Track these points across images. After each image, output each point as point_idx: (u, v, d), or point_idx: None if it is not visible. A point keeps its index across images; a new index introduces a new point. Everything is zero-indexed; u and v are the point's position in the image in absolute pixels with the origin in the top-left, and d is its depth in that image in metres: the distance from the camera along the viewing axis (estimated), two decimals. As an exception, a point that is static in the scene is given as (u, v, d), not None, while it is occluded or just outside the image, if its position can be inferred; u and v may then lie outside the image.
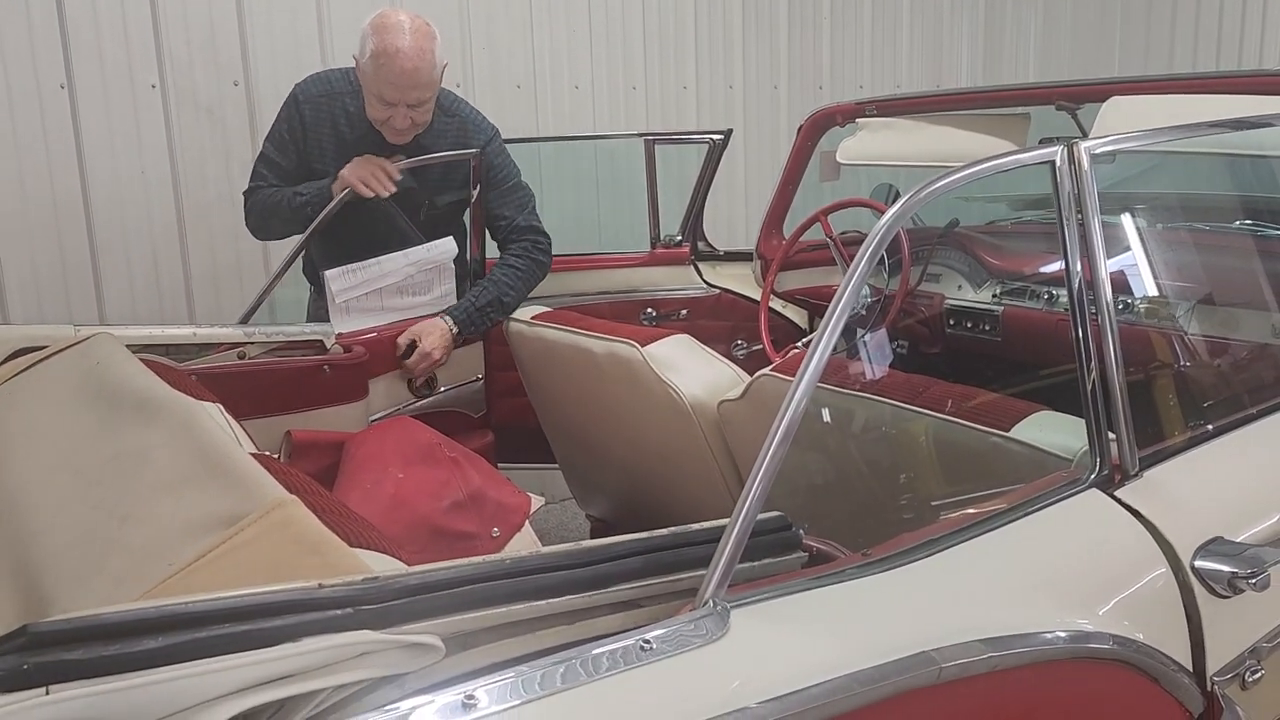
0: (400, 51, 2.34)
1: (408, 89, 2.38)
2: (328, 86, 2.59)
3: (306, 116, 2.57)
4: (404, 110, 2.43)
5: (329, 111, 2.56)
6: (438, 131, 2.58)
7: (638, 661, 0.96)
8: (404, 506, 1.95)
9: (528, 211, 2.70)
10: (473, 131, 2.63)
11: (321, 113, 2.56)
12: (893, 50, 5.08)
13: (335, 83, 2.60)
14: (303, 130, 2.58)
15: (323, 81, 2.60)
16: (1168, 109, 2.24)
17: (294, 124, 2.58)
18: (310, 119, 2.57)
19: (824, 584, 1.12)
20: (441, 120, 2.59)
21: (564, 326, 2.38)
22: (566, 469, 2.78)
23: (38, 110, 3.05)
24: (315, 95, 2.58)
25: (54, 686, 0.81)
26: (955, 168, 1.30)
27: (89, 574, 1.11)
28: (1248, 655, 1.34)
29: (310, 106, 2.57)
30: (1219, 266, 2.26)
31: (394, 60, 2.34)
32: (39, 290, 3.12)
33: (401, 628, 0.95)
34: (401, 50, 2.34)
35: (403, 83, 2.37)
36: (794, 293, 3.15)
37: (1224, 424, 1.56)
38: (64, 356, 1.78)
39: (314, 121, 2.57)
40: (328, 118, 2.57)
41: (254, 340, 2.32)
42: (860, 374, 1.96)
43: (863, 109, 2.99)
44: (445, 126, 2.60)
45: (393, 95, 2.40)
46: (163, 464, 1.28)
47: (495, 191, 2.65)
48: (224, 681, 0.86)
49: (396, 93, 2.39)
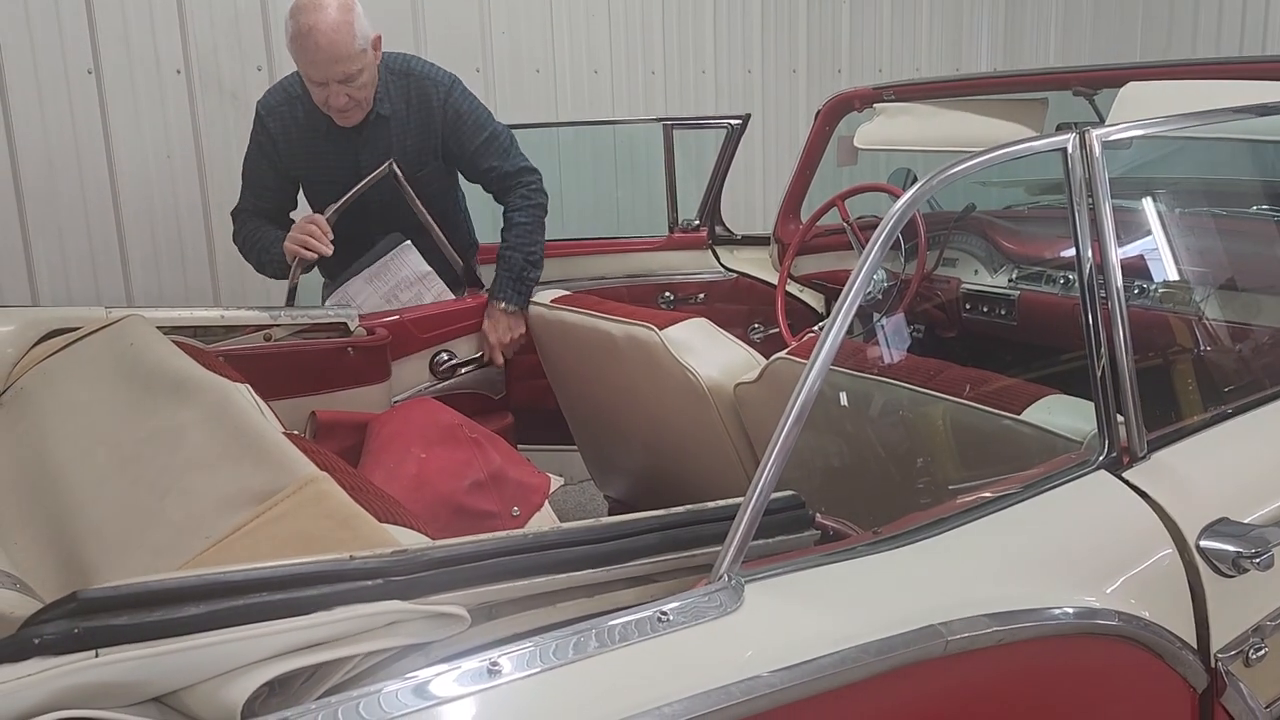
0: (314, 28, 2.31)
1: (329, 64, 2.35)
2: (285, 93, 2.58)
3: (272, 129, 2.57)
4: (337, 87, 2.39)
5: (291, 116, 2.56)
6: (394, 96, 2.54)
7: (654, 632, 0.99)
8: (426, 486, 1.99)
9: (512, 155, 2.66)
10: (429, 87, 2.57)
11: (285, 120, 2.56)
12: (912, 34, 5.06)
13: (292, 86, 2.59)
14: (272, 143, 2.58)
15: (280, 90, 2.60)
16: (1185, 95, 2.24)
17: (262, 140, 2.59)
18: (276, 130, 2.57)
19: (836, 560, 1.16)
20: (395, 83, 2.55)
21: (583, 310, 2.41)
22: (585, 450, 2.82)
23: (66, 95, 3.11)
24: (275, 105, 2.58)
25: (102, 650, 0.86)
26: (969, 154, 1.32)
27: (129, 546, 1.16)
28: (1251, 633, 1.37)
29: (273, 119, 2.57)
30: (1233, 251, 2.27)
31: (309, 38, 2.32)
32: (68, 272, 3.18)
33: (429, 598, 0.99)
34: (315, 26, 2.31)
35: (321, 58, 2.34)
36: (811, 277, 3.17)
37: (1231, 408, 1.58)
38: (97, 338, 1.83)
39: (280, 131, 2.57)
40: (291, 122, 2.56)
41: (280, 323, 2.36)
42: (875, 357, 1.99)
43: (881, 94, 3.00)
44: (400, 88, 2.56)
45: (317, 74, 2.38)
46: (198, 441, 1.32)
47: (473, 145, 2.61)
48: (261, 647, 0.91)
49: (320, 70, 2.36)
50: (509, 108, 3.89)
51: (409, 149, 2.60)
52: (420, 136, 2.60)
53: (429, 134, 2.60)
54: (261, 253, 2.61)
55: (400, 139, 2.58)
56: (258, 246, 2.62)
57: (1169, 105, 2.09)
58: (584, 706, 0.92)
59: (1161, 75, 2.37)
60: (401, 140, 2.59)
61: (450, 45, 3.73)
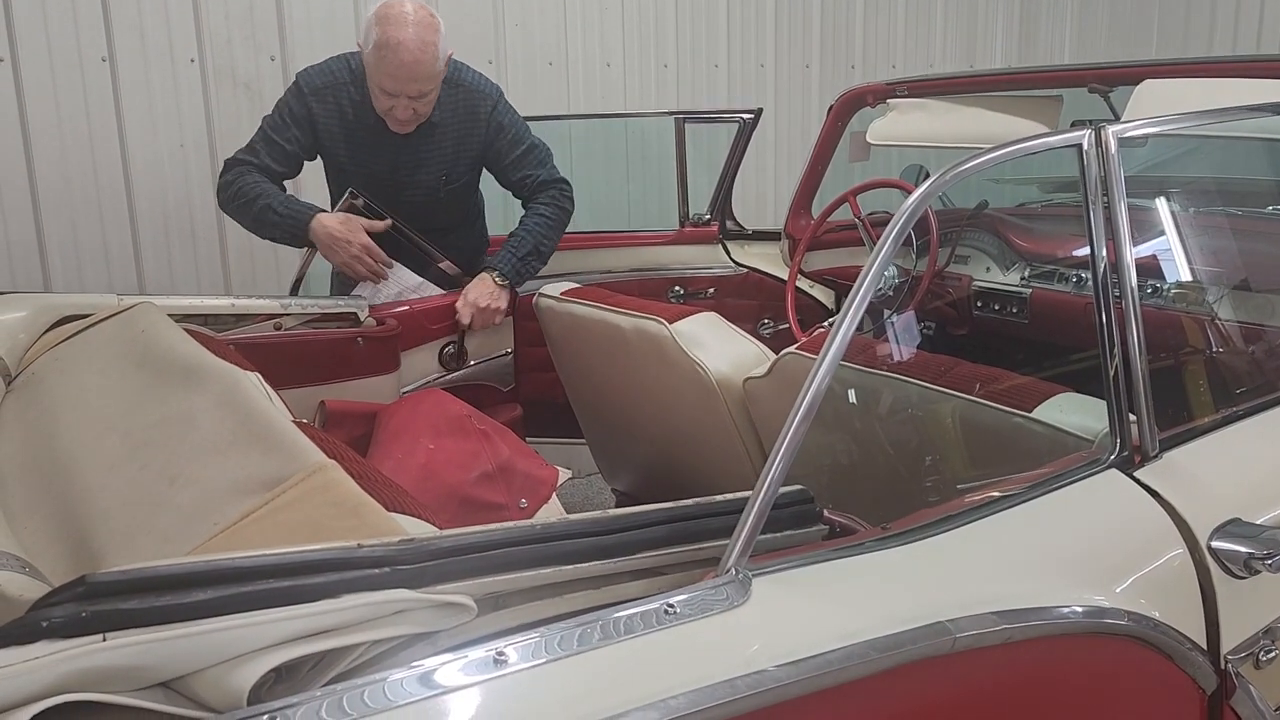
0: (402, 44, 2.33)
1: (408, 81, 2.38)
2: (330, 77, 2.56)
3: (314, 109, 2.55)
4: (405, 101, 2.42)
5: (335, 102, 2.54)
6: (443, 104, 2.56)
7: (661, 624, 0.99)
8: (434, 476, 2.00)
9: (549, 166, 2.70)
10: (477, 99, 2.61)
11: (328, 104, 2.55)
12: (926, 30, 5.04)
13: (337, 72, 2.57)
14: (310, 121, 2.56)
15: (325, 73, 2.57)
16: (1202, 93, 2.22)
17: (299, 114, 2.55)
18: (319, 112, 2.55)
19: (843, 556, 1.15)
20: (446, 94, 2.56)
21: (593, 303, 2.41)
22: (593, 443, 2.82)
23: (80, 83, 3.11)
24: (319, 86, 2.55)
25: (110, 634, 0.86)
26: (983, 150, 1.31)
27: (138, 531, 1.17)
28: (1262, 635, 1.36)
29: (316, 99, 2.55)
30: (1248, 252, 2.25)
31: (395, 53, 2.33)
32: (80, 260, 3.20)
33: (436, 588, 0.99)
34: (403, 43, 2.33)
35: (403, 75, 2.36)
36: (821, 272, 3.16)
37: (1244, 408, 1.57)
38: (108, 324, 1.83)
39: (323, 114, 2.55)
40: (334, 108, 2.55)
41: (290, 312, 2.37)
42: (885, 353, 1.98)
43: (894, 89, 2.99)
44: (450, 98, 2.57)
45: (393, 87, 2.39)
46: (208, 428, 1.33)
47: (512, 156, 2.65)
48: (268, 634, 0.91)
49: (397, 84, 2.39)
50: (521, 100, 3.86)
51: (447, 156, 2.62)
52: (460, 145, 2.62)
53: (469, 144, 2.63)
54: (267, 209, 2.49)
55: (440, 146, 2.60)
56: (262, 203, 2.49)
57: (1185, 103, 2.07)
58: (589, 698, 0.92)
59: (1178, 73, 2.35)
60: (441, 147, 2.60)
61: (463, 37, 3.73)
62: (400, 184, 2.62)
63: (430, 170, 2.61)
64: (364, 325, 2.45)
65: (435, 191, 2.64)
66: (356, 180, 2.62)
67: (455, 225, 2.77)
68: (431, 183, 2.63)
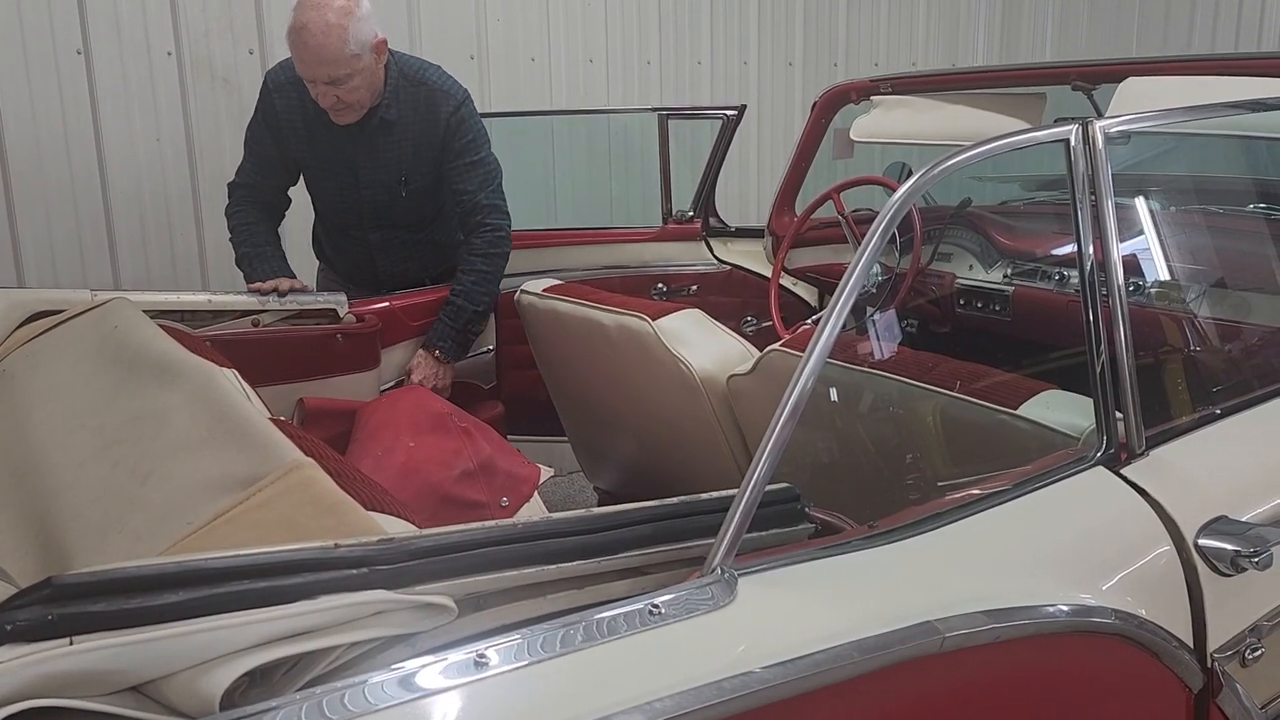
0: (305, 27, 2.27)
1: (315, 65, 2.30)
2: (292, 72, 2.48)
3: (277, 105, 2.52)
4: (324, 88, 2.35)
5: (297, 97, 2.49)
6: (402, 102, 2.49)
7: (646, 625, 0.97)
8: (415, 474, 1.97)
9: (491, 189, 2.57)
10: (441, 98, 2.51)
11: (290, 100, 2.51)
12: (909, 27, 5.05)
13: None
14: (275, 118, 2.53)
15: (288, 68, 2.50)
16: (1184, 90, 2.22)
17: (267, 113, 2.54)
18: (280, 107, 2.52)
19: (830, 554, 1.14)
20: (406, 90, 2.50)
21: (575, 299, 2.39)
22: (575, 441, 2.80)
23: (54, 75, 3.07)
24: (283, 82, 2.51)
25: (77, 637, 0.83)
26: (968, 146, 1.30)
27: (109, 531, 1.14)
28: (1248, 633, 1.36)
29: (280, 96, 2.51)
30: (1233, 250, 2.25)
31: (299, 36, 2.29)
32: (54, 255, 3.15)
33: (415, 588, 0.97)
34: (306, 26, 2.27)
35: (309, 59, 2.30)
36: (805, 270, 3.15)
37: (1231, 406, 1.57)
38: (82, 320, 1.80)
39: (284, 109, 2.52)
40: (296, 104, 2.50)
41: (268, 308, 2.34)
42: (870, 351, 1.97)
43: (877, 86, 2.98)
44: (410, 96, 2.50)
45: (304, 72, 2.34)
46: (182, 425, 1.30)
47: (461, 161, 2.54)
48: (242, 636, 0.89)
49: (306, 69, 2.33)
50: (503, 96, 3.86)
51: (406, 157, 2.55)
52: (420, 146, 2.54)
53: (429, 145, 2.54)
54: (241, 257, 2.56)
55: (399, 145, 2.53)
56: (241, 248, 2.56)
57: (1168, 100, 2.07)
58: (573, 700, 0.90)
59: (1161, 70, 2.35)
60: (400, 147, 2.53)
61: (445, 33, 3.70)
62: (361, 183, 2.56)
63: (389, 170, 2.55)
64: (344, 322, 2.43)
65: (395, 192, 2.58)
66: (320, 180, 2.59)
67: (425, 222, 2.71)
68: (390, 183, 2.56)
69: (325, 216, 2.72)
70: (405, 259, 2.71)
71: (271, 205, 2.63)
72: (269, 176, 2.59)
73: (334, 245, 2.76)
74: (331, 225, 2.72)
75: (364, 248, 2.68)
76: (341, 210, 2.63)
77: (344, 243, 2.72)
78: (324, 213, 2.71)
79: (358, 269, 2.74)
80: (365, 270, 2.72)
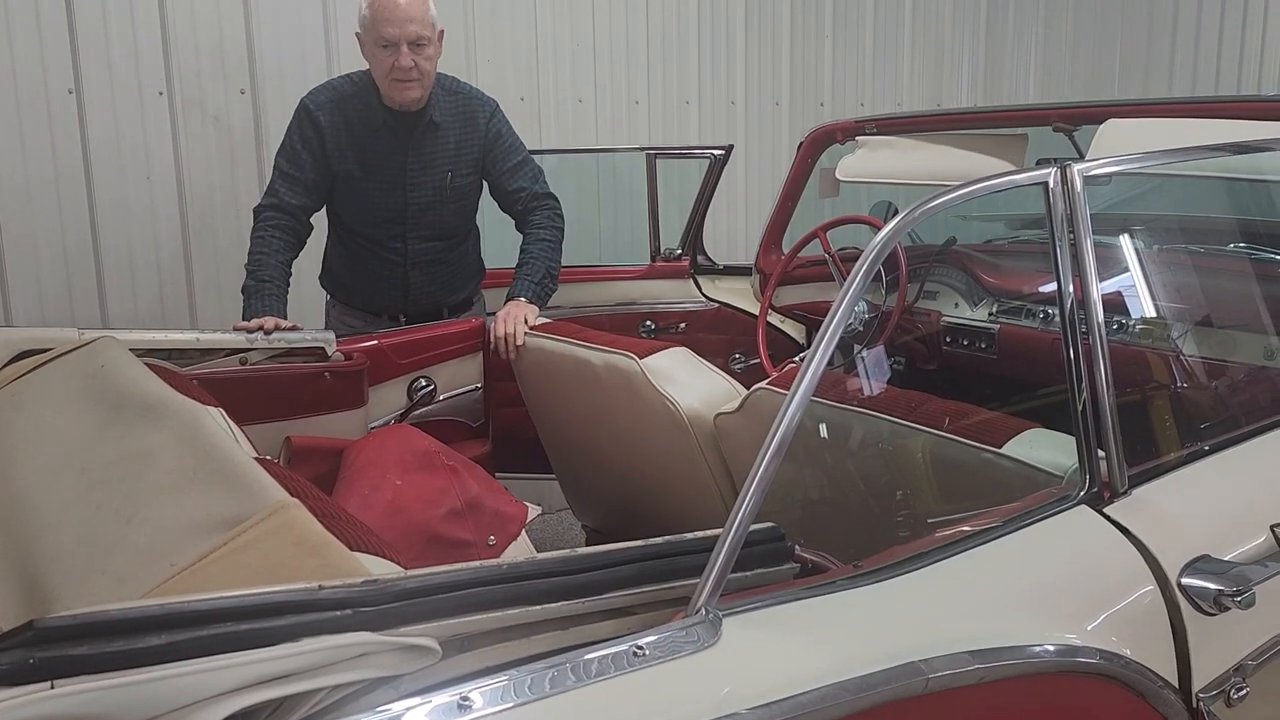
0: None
1: (404, 23, 2.49)
2: (334, 92, 2.68)
3: (322, 123, 2.64)
4: (405, 51, 2.51)
5: (342, 114, 2.65)
6: (444, 107, 2.70)
7: (630, 667, 0.97)
8: (401, 513, 1.96)
9: (541, 181, 2.80)
10: (476, 106, 2.75)
11: (335, 117, 2.65)
12: (894, 69, 5.12)
13: (340, 88, 2.69)
14: (319, 136, 2.65)
15: (329, 89, 2.69)
16: (1164, 132, 2.26)
17: (307, 133, 2.65)
18: (326, 124, 2.65)
19: (815, 594, 1.14)
20: (445, 98, 2.71)
21: (563, 337, 2.40)
22: (563, 479, 2.80)
23: (45, 114, 3.08)
24: (325, 102, 2.66)
25: (59, 681, 0.83)
26: (951, 187, 1.32)
27: (92, 573, 1.13)
28: (1233, 673, 1.36)
29: (324, 113, 2.65)
30: (1213, 289, 2.28)
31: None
32: (41, 293, 3.15)
33: (399, 630, 0.97)
34: None
35: (399, 16, 2.48)
36: (792, 307, 3.17)
37: (1214, 444, 1.58)
38: (68, 359, 1.80)
39: (330, 126, 2.65)
40: (341, 120, 2.65)
41: (256, 346, 2.34)
42: (856, 389, 1.98)
43: (863, 127, 3.02)
44: (449, 103, 2.72)
45: (391, 32, 2.50)
46: (166, 466, 1.30)
47: (509, 163, 2.76)
48: (224, 679, 0.88)
49: (394, 28, 2.49)
50: (493, 135, 3.88)
51: (453, 156, 2.73)
52: (464, 147, 2.73)
53: (472, 146, 2.74)
54: (245, 289, 2.59)
55: (444, 143, 2.71)
56: (249, 277, 2.59)
57: (1148, 142, 2.11)
58: (557, 743, 0.90)
59: (1140, 113, 2.39)
60: (445, 144, 2.71)
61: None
62: (410, 184, 2.70)
63: (437, 168, 2.71)
64: (331, 360, 2.42)
65: (442, 190, 2.72)
66: (367, 189, 2.68)
67: (458, 234, 2.83)
68: (438, 181, 2.71)
69: (357, 234, 2.76)
70: (435, 278, 2.82)
71: (295, 230, 2.68)
72: (298, 197, 2.66)
73: (359, 270, 2.80)
74: (362, 245, 2.76)
75: (398, 264, 2.76)
76: (383, 220, 2.71)
77: (373, 264, 2.77)
78: (357, 229, 2.76)
79: (383, 294, 2.80)
80: (394, 292, 2.79)
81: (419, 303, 2.80)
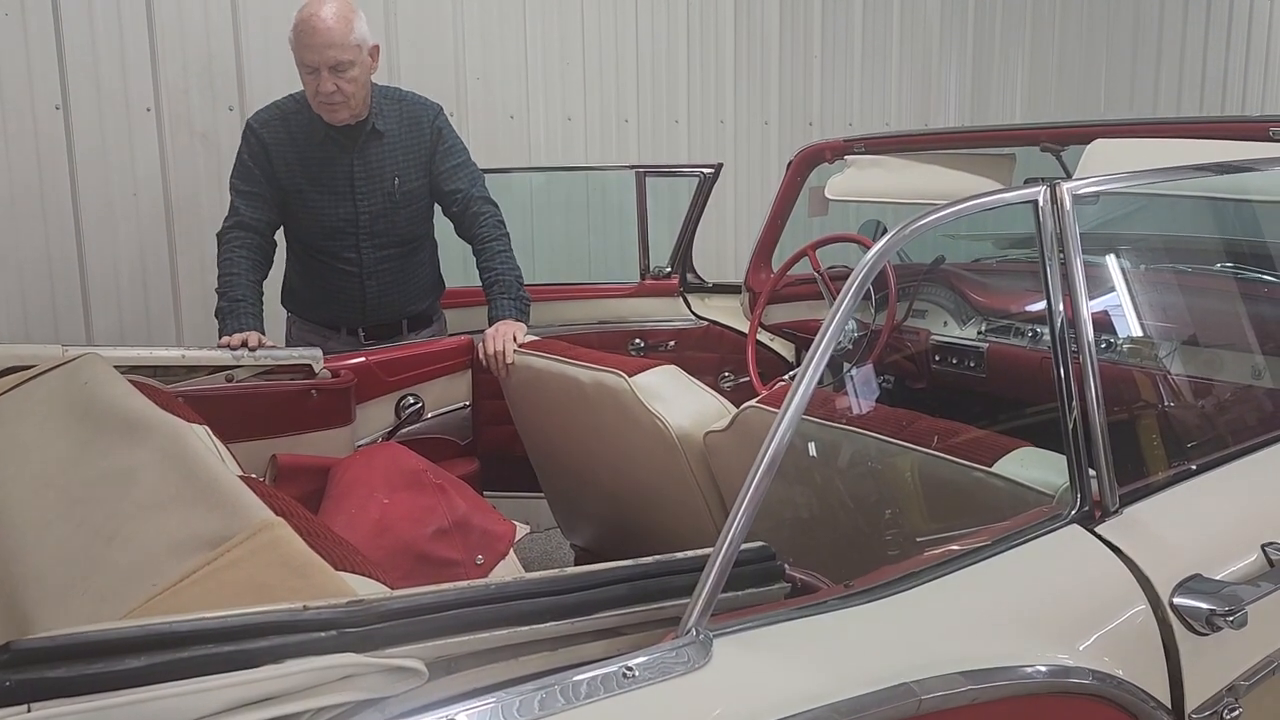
0: (315, 15, 2.50)
1: (323, 48, 2.49)
2: (278, 110, 2.72)
3: (266, 139, 2.67)
4: (327, 75, 2.52)
5: (285, 130, 2.67)
6: (388, 115, 2.72)
7: (620, 688, 0.96)
8: (388, 532, 1.95)
9: (480, 185, 2.80)
10: (420, 110, 2.77)
11: (278, 133, 2.67)
12: (882, 89, 5.14)
13: (284, 105, 2.73)
14: (265, 153, 2.67)
15: (273, 107, 2.73)
16: (1150, 152, 2.27)
17: (255, 151, 2.68)
18: (270, 140, 2.67)
19: (806, 615, 1.13)
20: (389, 106, 2.74)
21: (552, 355, 2.39)
22: (552, 497, 2.78)
23: (31, 130, 3.06)
24: (268, 119, 2.70)
25: (36, 704, 0.81)
26: (940, 205, 1.32)
27: (72, 593, 1.11)
28: (1225, 693, 1.35)
29: (267, 130, 2.68)
30: (1201, 308, 2.29)
31: (309, 23, 2.50)
32: (26, 309, 3.12)
33: (385, 651, 0.95)
34: (316, 14, 2.50)
35: (316, 42, 2.49)
36: (781, 326, 3.17)
37: (1204, 462, 1.58)
38: (51, 376, 1.78)
39: (274, 142, 2.67)
40: (285, 136, 2.67)
41: (242, 363, 2.32)
42: (846, 407, 1.98)
43: (851, 146, 3.03)
44: (394, 110, 2.74)
45: (310, 58, 2.51)
46: (149, 484, 1.28)
47: (448, 164, 2.76)
48: (207, 702, 0.86)
49: (314, 54, 2.50)
50: (482, 152, 3.86)
51: (400, 162, 2.73)
52: (411, 151, 2.75)
53: (419, 150, 2.75)
54: (219, 309, 2.57)
55: (390, 152, 2.72)
56: (222, 300, 2.58)
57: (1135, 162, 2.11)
58: (545, 767, 0.88)
59: (1127, 133, 2.40)
60: (391, 153, 2.72)
61: (424, 89, 3.70)
62: (358, 193, 2.69)
63: (383, 176, 2.71)
64: (318, 377, 2.41)
65: (391, 196, 2.72)
66: (318, 201, 2.67)
67: (413, 240, 2.81)
68: (386, 187, 2.72)
69: (312, 247, 2.75)
70: (393, 286, 2.79)
71: (261, 249, 2.68)
72: (259, 212, 2.67)
73: (316, 284, 2.78)
74: (317, 259, 2.74)
75: (354, 275, 2.74)
76: (335, 231, 2.70)
77: (331, 276, 2.75)
78: (311, 243, 2.75)
79: (342, 306, 2.78)
80: (351, 304, 2.77)
81: (377, 313, 2.80)
